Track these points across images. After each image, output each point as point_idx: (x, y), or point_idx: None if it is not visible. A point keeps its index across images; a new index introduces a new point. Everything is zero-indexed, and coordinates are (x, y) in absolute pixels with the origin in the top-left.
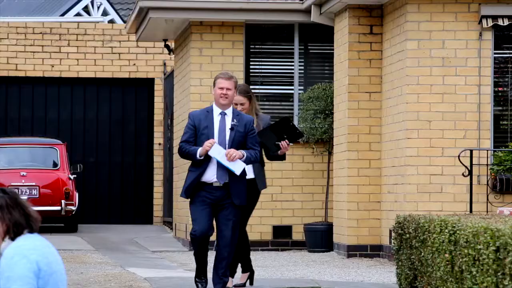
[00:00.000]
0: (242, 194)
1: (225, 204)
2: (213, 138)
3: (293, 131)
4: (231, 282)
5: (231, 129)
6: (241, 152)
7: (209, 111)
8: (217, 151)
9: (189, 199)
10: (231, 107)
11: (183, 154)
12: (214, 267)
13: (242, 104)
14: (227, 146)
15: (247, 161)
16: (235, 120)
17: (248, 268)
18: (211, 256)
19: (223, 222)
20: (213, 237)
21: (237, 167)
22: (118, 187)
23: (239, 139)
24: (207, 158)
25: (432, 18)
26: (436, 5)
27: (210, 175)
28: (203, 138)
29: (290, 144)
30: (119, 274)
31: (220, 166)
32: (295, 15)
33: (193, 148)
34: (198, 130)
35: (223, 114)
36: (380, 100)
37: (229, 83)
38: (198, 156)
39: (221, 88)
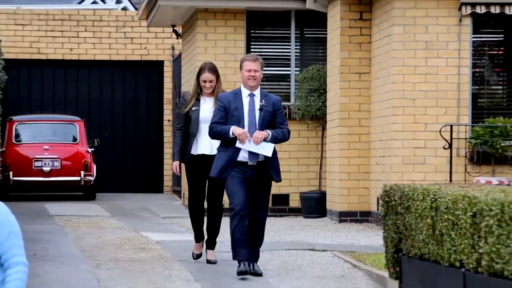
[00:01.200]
0: (279, 171)
1: (258, 183)
2: (243, 118)
3: None
4: (213, 254)
5: (260, 109)
6: (266, 132)
7: (237, 93)
8: (247, 145)
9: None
10: (259, 88)
11: (215, 133)
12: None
13: (210, 81)
14: (257, 125)
15: (273, 140)
16: (263, 101)
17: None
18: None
19: (257, 199)
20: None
21: (267, 150)
22: (132, 159)
23: (269, 119)
24: None
25: (417, 5)
26: None
27: (243, 155)
28: (233, 120)
29: None
30: (133, 237)
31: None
32: (292, 2)
33: (225, 127)
34: (229, 112)
35: (251, 96)
36: (369, 80)
37: (255, 64)
38: (231, 134)
39: (249, 70)
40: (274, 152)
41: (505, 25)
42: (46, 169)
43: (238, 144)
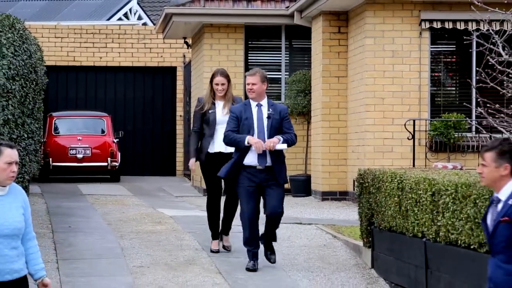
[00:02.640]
0: (284, 174)
1: (270, 184)
2: (253, 127)
3: None
4: (228, 240)
5: (268, 117)
6: (277, 138)
7: (247, 104)
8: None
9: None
10: (266, 98)
11: (230, 140)
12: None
13: (223, 84)
14: (265, 132)
15: (284, 143)
16: (270, 109)
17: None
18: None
19: (272, 197)
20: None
21: (280, 147)
22: (150, 148)
23: (276, 126)
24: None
25: (385, 21)
26: (388, 11)
27: (252, 159)
28: (245, 128)
29: None
30: (151, 213)
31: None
32: (282, 18)
33: (240, 136)
34: (240, 121)
35: (259, 106)
36: (346, 83)
37: (253, 78)
38: (246, 143)
39: (248, 84)
40: (282, 157)
41: (457, 38)
42: (79, 156)
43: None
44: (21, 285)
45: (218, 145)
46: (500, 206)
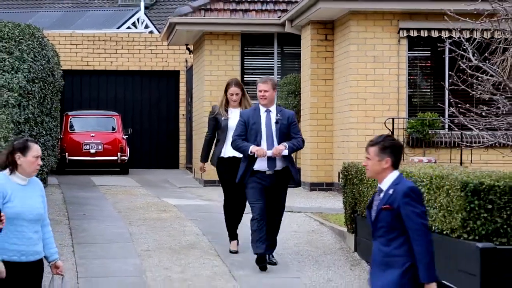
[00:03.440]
0: (297, 173)
1: (277, 189)
2: (261, 131)
3: None
4: (236, 245)
5: (276, 122)
6: (283, 145)
7: (256, 109)
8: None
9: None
10: (275, 104)
11: (236, 146)
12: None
13: (237, 94)
14: (274, 137)
15: (290, 150)
16: (279, 115)
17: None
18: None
19: (276, 203)
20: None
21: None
22: (155, 144)
23: (284, 131)
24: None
25: (367, 30)
26: (369, 21)
27: (261, 164)
28: (252, 132)
29: None
30: (156, 202)
31: (270, 158)
32: (275, 27)
33: (245, 144)
34: (248, 125)
35: (268, 111)
36: (332, 85)
37: (265, 85)
38: (249, 152)
39: (260, 91)
40: (291, 159)
41: (432, 44)
42: (92, 151)
43: (268, 153)
44: (39, 265)
45: (230, 150)
46: (382, 195)
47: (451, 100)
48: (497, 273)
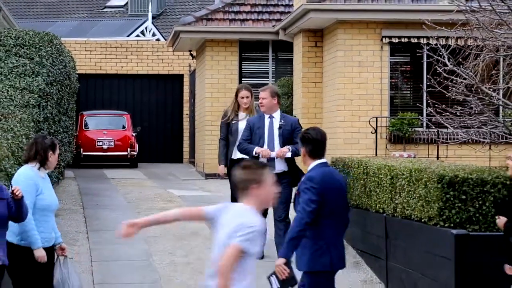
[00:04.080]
0: (302, 173)
1: (283, 185)
2: (264, 136)
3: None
4: None
5: (279, 128)
6: (287, 148)
7: (261, 116)
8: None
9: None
10: (278, 111)
11: (242, 149)
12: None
13: (247, 97)
14: (275, 141)
15: (293, 154)
16: (282, 121)
17: None
18: None
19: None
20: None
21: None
22: (162, 140)
23: (287, 136)
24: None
25: (353, 37)
26: (355, 29)
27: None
28: (256, 137)
29: None
30: (163, 193)
31: (269, 160)
32: (269, 35)
33: (250, 146)
34: (253, 130)
35: (271, 117)
36: (321, 87)
37: (263, 93)
38: (254, 153)
39: (259, 98)
40: (295, 162)
41: (411, 51)
42: (105, 147)
43: (272, 154)
44: (53, 249)
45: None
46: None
47: (429, 101)
48: (470, 257)
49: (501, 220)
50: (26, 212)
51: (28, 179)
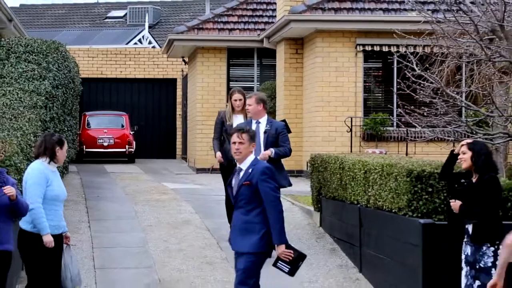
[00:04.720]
0: (287, 178)
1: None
2: None
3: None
4: None
5: (265, 132)
6: (270, 150)
7: (249, 122)
8: None
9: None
10: (265, 116)
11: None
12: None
13: (240, 100)
14: (261, 145)
15: (276, 156)
16: (268, 126)
17: None
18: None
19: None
20: None
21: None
22: (157, 138)
23: (272, 140)
24: None
25: (330, 45)
26: (332, 38)
27: None
28: None
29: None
30: (158, 186)
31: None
32: (255, 43)
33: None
34: None
35: (258, 123)
36: (302, 90)
37: (249, 100)
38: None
39: (245, 105)
40: (281, 164)
41: (383, 57)
42: (105, 144)
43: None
44: (62, 237)
45: None
46: (241, 173)
47: (399, 103)
48: (436, 244)
49: (456, 204)
50: (26, 209)
51: (39, 173)
